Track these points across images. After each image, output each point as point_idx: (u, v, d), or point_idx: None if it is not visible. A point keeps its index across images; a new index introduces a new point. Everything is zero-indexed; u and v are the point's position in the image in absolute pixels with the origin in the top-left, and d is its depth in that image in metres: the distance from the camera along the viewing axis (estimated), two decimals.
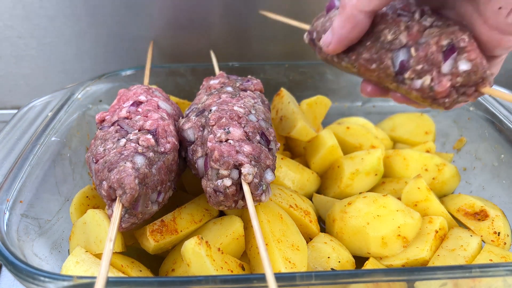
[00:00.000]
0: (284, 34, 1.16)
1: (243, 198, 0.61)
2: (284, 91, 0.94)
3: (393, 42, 0.59)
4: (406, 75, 0.57)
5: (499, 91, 0.56)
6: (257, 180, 0.60)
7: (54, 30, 1.11)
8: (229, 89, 0.77)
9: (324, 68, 1.09)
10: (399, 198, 0.78)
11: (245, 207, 0.62)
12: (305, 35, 0.73)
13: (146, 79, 0.95)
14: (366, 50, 0.61)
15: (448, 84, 0.55)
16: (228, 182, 0.60)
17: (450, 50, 0.55)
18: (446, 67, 0.55)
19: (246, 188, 0.59)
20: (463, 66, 0.54)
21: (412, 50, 0.57)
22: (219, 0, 1.10)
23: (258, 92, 0.80)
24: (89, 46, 1.14)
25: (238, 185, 0.61)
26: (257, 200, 0.61)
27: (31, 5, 1.06)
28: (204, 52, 1.09)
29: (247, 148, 0.62)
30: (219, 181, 0.60)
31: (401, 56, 0.58)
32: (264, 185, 0.62)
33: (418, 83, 0.57)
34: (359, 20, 0.55)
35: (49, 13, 1.08)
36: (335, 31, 0.58)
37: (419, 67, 0.56)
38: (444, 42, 0.55)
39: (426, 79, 0.56)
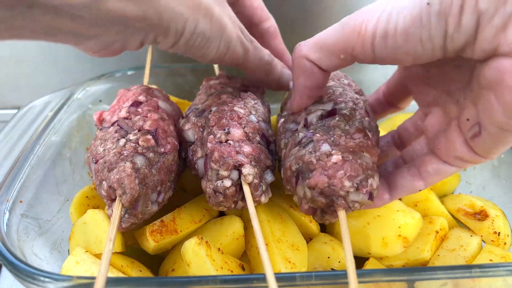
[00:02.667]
0: (285, 34, 1.15)
1: (243, 198, 0.61)
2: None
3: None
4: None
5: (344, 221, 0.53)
6: (257, 181, 0.60)
7: None
8: (230, 89, 0.77)
9: None
10: (399, 198, 0.77)
11: (244, 207, 0.62)
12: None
13: (146, 79, 0.94)
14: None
15: (306, 207, 0.56)
16: (228, 183, 0.60)
17: (297, 177, 0.56)
18: (298, 192, 0.56)
19: (246, 189, 0.59)
20: (308, 193, 0.54)
21: (282, 171, 0.61)
22: None
23: (259, 93, 0.80)
24: None
25: (238, 186, 0.61)
26: (256, 200, 0.61)
27: None
28: None
29: (247, 148, 0.62)
30: (219, 182, 0.60)
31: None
32: (264, 186, 0.62)
33: (295, 199, 0.59)
34: (307, 67, 0.54)
35: None
36: (294, 84, 0.59)
37: (287, 187, 0.60)
38: (294, 167, 0.56)
39: (295, 199, 0.58)
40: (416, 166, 0.57)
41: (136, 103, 0.71)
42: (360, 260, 0.69)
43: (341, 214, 0.53)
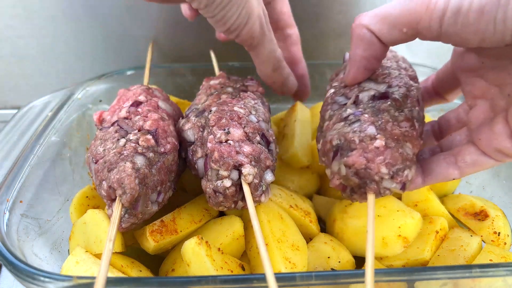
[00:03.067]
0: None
1: (243, 198, 0.61)
2: (298, 106, 0.89)
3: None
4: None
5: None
6: (257, 181, 0.60)
7: (54, 30, 1.11)
8: (229, 89, 0.77)
9: (324, 68, 1.09)
10: (399, 198, 0.77)
11: (244, 207, 0.62)
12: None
13: (146, 79, 0.94)
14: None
15: (337, 183, 0.56)
16: (228, 183, 0.60)
17: (335, 152, 0.56)
18: (333, 166, 0.56)
19: (246, 189, 0.59)
20: (343, 170, 0.54)
21: (320, 141, 0.60)
22: None
23: (259, 93, 0.80)
24: (89, 46, 1.14)
25: (238, 186, 0.61)
26: (256, 200, 0.61)
27: (31, 5, 1.06)
28: (204, 52, 1.09)
29: (247, 148, 0.62)
30: (219, 182, 0.60)
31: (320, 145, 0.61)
32: (264, 186, 0.62)
33: (327, 172, 0.59)
34: (366, 37, 0.53)
35: (49, 13, 1.08)
36: (351, 54, 0.57)
37: (322, 158, 0.59)
38: (334, 142, 0.56)
39: (328, 172, 0.58)
40: (453, 154, 0.57)
41: (136, 103, 0.71)
42: (360, 260, 0.69)
43: (371, 198, 0.53)
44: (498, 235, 0.71)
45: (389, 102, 0.57)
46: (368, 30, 0.52)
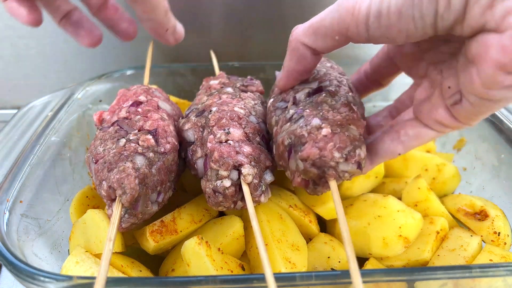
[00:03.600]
0: (285, 34, 1.16)
1: (242, 199, 0.61)
2: None
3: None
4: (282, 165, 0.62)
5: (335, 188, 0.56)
6: (256, 181, 0.60)
7: (54, 30, 1.10)
8: (229, 89, 0.77)
9: None
10: (399, 198, 0.77)
11: (244, 207, 0.62)
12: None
13: (146, 79, 0.94)
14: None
15: (299, 180, 0.59)
16: (227, 183, 0.60)
17: (289, 151, 0.59)
18: (291, 165, 0.59)
19: (245, 189, 0.59)
20: (300, 165, 0.57)
21: (274, 147, 0.63)
22: (220, 0, 1.10)
23: (258, 94, 0.80)
24: None
25: (237, 186, 0.61)
26: (256, 201, 0.61)
27: None
28: (205, 52, 1.09)
29: (247, 148, 0.62)
30: (218, 182, 0.60)
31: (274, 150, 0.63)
32: (263, 186, 0.62)
33: (287, 173, 0.62)
34: (300, 51, 0.57)
35: None
36: (285, 64, 0.61)
37: (279, 163, 0.62)
38: (286, 142, 0.59)
39: (288, 174, 0.61)
40: (396, 130, 0.59)
41: (136, 103, 0.71)
42: (360, 260, 0.69)
43: (332, 184, 0.56)
44: (498, 235, 0.71)
45: (324, 94, 0.62)
46: (302, 45, 0.56)
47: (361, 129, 0.59)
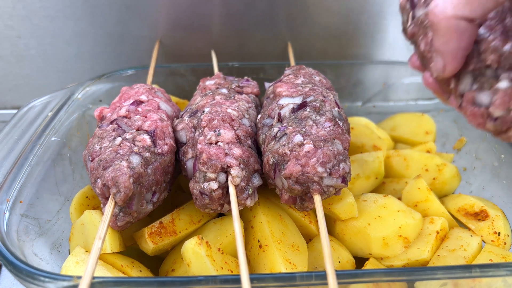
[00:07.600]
0: (285, 34, 1.16)
1: (230, 202, 0.61)
2: None
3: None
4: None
5: None
6: (243, 184, 0.60)
7: (54, 30, 1.11)
8: (224, 91, 0.77)
9: (324, 68, 1.08)
10: (399, 198, 0.77)
11: (230, 211, 0.62)
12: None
13: (150, 78, 0.94)
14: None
15: (286, 197, 0.59)
16: (214, 185, 0.60)
17: (275, 170, 0.59)
18: (277, 183, 0.59)
19: (232, 190, 0.59)
20: (285, 183, 0.57)
21: (262, 166, 0.63)
22: (220, 0, 1.10)
23: (253, 96, 0.80)
24: (89, 46, 1.14)
25: (224, 188, 0.61)
26: (242, 204, 0.61)
27: (31, 5, 1.06)
28: (205, 52, 1.09)
29: (237, 150, 0.62)
30: (205, 184, 0.60)
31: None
32: (250, 189, 0.62)
33: (277, 191, 0.61)
34: (460, 27, 0.48)
35: (49, 13, 1.08)
36: (442, 49, 0.51)
37: (268, 181, 0.62)
38: (271, 161, 0.60)
39: (277, 191, 0.61)
40: None
41: (137, 102, 0.71)
42: (360, 260, 0.69)
43: (316, 198, 0.56)
44: (498, 235, 0.71)
45: (308, 109, 0.62)
46: (456, 19, 0.47)
47: (345, 144, 0.59)
